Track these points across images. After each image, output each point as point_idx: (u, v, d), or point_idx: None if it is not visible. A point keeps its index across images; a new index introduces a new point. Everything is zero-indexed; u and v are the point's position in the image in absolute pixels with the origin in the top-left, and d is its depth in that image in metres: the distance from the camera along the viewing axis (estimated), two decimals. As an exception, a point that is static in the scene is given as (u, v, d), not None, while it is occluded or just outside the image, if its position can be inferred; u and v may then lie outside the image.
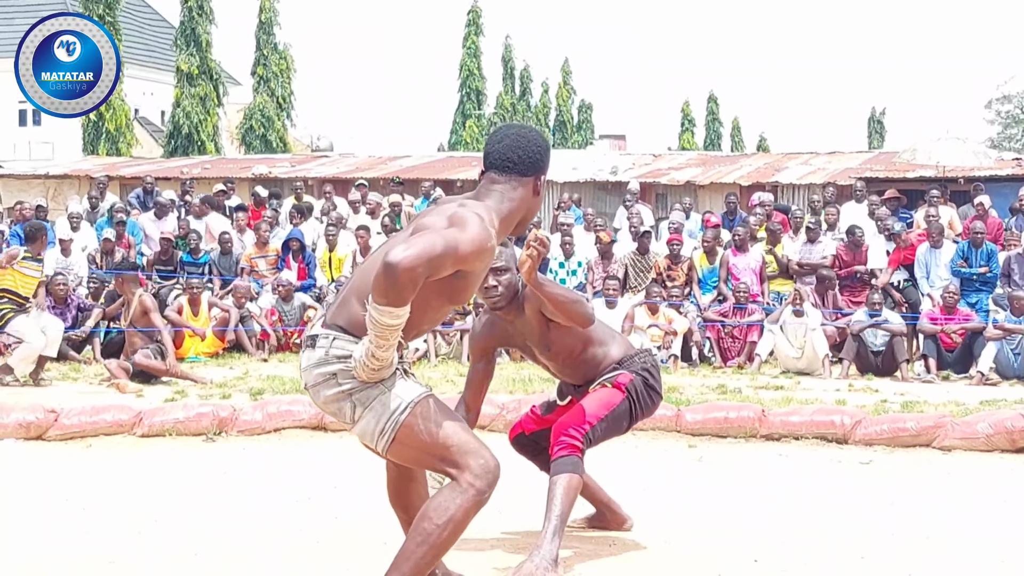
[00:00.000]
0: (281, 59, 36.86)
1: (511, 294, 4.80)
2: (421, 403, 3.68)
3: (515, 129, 4.00)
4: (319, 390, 3.75)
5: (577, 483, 4.74)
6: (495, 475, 3.67)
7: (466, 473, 3.63)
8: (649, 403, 5.02)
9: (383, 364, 3.59)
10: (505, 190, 3.88)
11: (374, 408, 3.67)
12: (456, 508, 3.61)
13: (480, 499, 3.64)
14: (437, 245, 3.48)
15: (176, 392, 10.02)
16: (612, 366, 4.98)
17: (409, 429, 3.66)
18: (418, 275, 3.43)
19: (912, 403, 9.33)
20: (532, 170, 3.91)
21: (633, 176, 21.36)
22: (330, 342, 3.72)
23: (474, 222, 3.61)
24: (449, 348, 12.89)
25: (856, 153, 24.55)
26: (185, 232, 15.11)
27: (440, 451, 3.66)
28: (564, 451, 4.78)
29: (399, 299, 3.44)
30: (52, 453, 7.47)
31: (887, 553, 4.97)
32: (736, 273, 13.16)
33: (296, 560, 4.86)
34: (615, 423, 4.93)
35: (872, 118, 51.69)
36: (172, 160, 29.02)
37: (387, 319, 3.47)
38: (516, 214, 3.91)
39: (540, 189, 3.95)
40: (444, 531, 3.60)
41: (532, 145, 3.93)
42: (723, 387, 10.38)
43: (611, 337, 5.12)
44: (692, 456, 7.37)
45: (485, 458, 3.66)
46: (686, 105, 52.18)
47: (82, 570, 4.71)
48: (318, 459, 7.23)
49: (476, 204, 3.78)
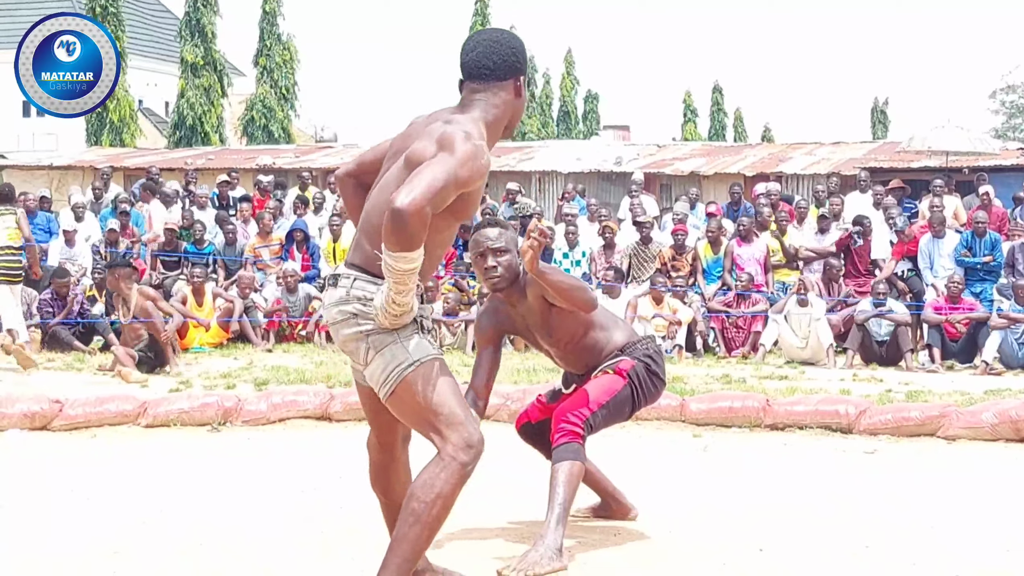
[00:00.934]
0: (285, 49, 36.80)
1: (512, 276, 4.78)
2: (427, 364, 3.69)
3: (486, 34, 3.96)
4: (339, 328, 3.78)
5: (579, 470, 4.72)
6: (478, 449, 3.67)
7: (448, 445, 3.64)
8: (652, 389, 5.00)
9: (404, 309, 3.61)
10: (487, 98, 3.86)
11: (384, 355, 3.69)
12: (442, 483, 3.61)
13: (463, 472, 3.63)
14: (438, 179, 3.48)
15: (181, 383, 10.03)
16: (614, 353, 4.96)
17: (408, 386, 3.67)
18: (426, 215, 3.45)
19: (916, 393, 9.33)
20: (510, 72, 3.89)
21: (637, 167, 21.35)
22: (351, 282, 3.76)
23: (462, 142, 3.60)
24: (454, 339, 12.90)
25: (860, 143, 24.52)
26: (189, 223, 15.11)
27: (429, 415, 3.68)
28: (565, 438, 4.76)
29: (411, 243, 3.46)
30: (57, 443, 7.48)
31: (891, 543, 4.97)
32: (741, 263, 13.16)
33: (301, 550, 4.87)
34: (617, 409, 4.92)
35: (875, 108, 51.58)
36: (176, 151, 29.02)
37: (403, 264, 3.48)
38: (502, 119, 3.90)
39: (522, 90, 3.93)
40: (433, 507, 3.60)
41: (504, 48, 3.89)
42: (728, 377, 10.38)
43: (614, 323, 5.10)
44: (697, 446, 7.37)
45: (469, 431, 3.67)
46: (688, 95, 52.06)
47: (87, 560, 4.72)
48: (323, 449, 7.24)
49: (462, 118, 3.77)
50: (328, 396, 8.24)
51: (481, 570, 4.47)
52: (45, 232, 15.46)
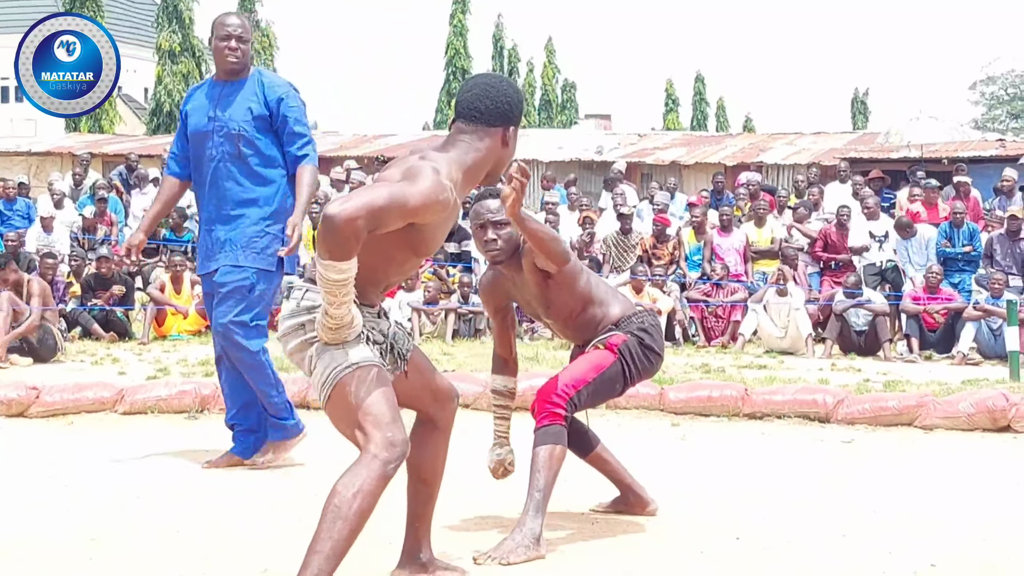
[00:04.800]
0: (263, 36, 36.69)
1: (511, 248, 4.76)
2: (363, 369, 3.69)
3: (485, 78, 3.96)
4: (287, 340, 3.80)
5: (560, 453, 4.67)
6: (401, 450, 3.66)
7: (371, 444, 3.64)
8: (647, 364, 4.91)
9: (340, 323, 3.60)
10: (471, 140, 3.85)
11: (323, 359, 3.70)
12: (362, 480, 3.60)
13: (385, 471, 3.62)
14: (380, 198, 3.47)
15: (159, 370, 9.99)
16: (609, 327, 4.91)
17: (342, 388, 3.68)
18: (359, 227, 3.42)
19: (894, 382, 9.36)
20: (499, 121, 3.87)
21: (618, 156, 21.36)
22: (302, 293, 3.77)
23: (427, 175, 3.59)
24: (434, 327, 12.88)
25: (841, 134, 24.60)
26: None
27: (358, 418, 3.67)
28: (546, 420, 4.69)
29: (341, 253, 3.44)
30: (34, 430, 7.45)
31: (868, 531, 4.99)
32: (720, 253, 13.20)
33: (278, 537, 4.85)
34: (605, 386, 4.84)
35: (856, 99, 51.72)
36: (155, 137, 28.90)
37: (332, 274, 3.47)
38: (482, 165, 3.88)
39: (509, 141, 3.91)
40: (354, 503, 3.58)
41: (500, 95, 3.87)
42: (707, 366, 10.40)
43: (612, 297, 5.03)
44: (675, 435, 7.38)
45: (393, 432, 3.66)
46: (669, 84, 52.09)
47: (63, 547, 4.69)
48: (301, 437, 7.20)
49: (437, 156, 3.76)
50: (306, 384, 8.20)
51: (459, 560, 4.46)
52: (24, 219, 15.38)
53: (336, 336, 3.64)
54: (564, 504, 5.44)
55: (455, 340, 12.49)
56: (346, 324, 3.61)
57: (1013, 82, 50.10)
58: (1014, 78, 49.96)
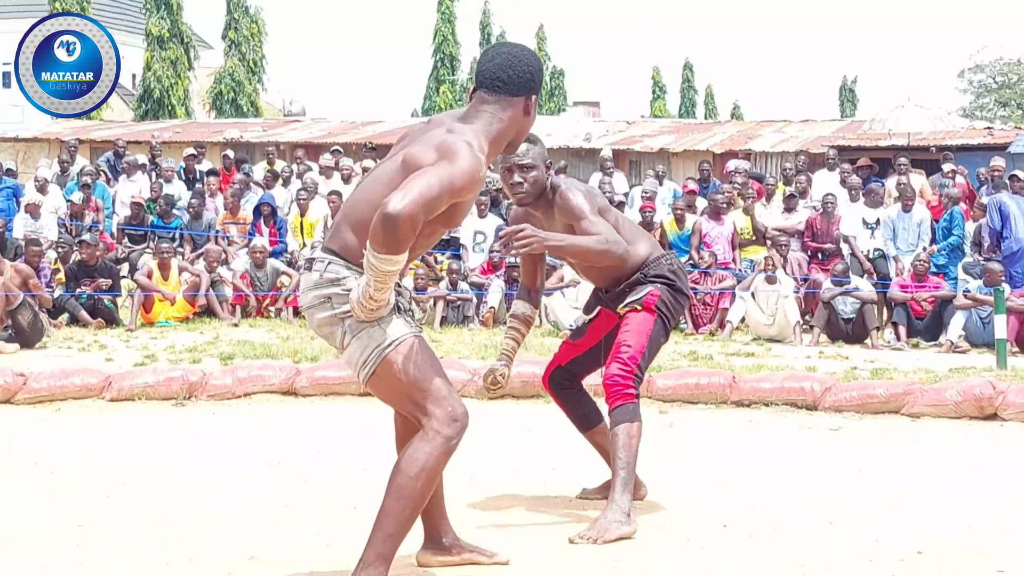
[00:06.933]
0: (253, 23, 36.53)
1: (538, 191, 4.87)
2: (406, 342, 3.69)
3: (507, 48, 3.95)
4: (313, 312, 3.77)
5: (637, 430, 4.83)
6: (463, 423, 3.68)
7: (432, 420, 3.65)
8: (679, 308, 5.07)
9: (380, 304, 3.61)
10: (495, 111, 3.84)
11: (361, 338, 3.69)
12: (426, 457, 3.62)
13: (448, 446, 3.65)
14: (433, 187, 3.48)
15: (146, 357, 9.97)
16: (637, 272, 4.96)
17: (389, 365, 3.67)
18: (418, 222, 3.46)
19: (882, 370, 9.38)
20: (522, 90, 3.87)
21: (607, 143, 21.33)
22: (325, 266, 3.74)
23: (465, 152, 3.59)
24: (423, 314, 12.87)
25: (829, 121, 24.59)
26: (156, 196, 15.01)
27: (413, 393, 3.68)
28: (619, 400, 4.84)
29: (398, 248, 3.46)
30: (21, 417, 7.44)
31: (855, 519, 5.00)
32: (709, 241, 13.18)
33: (265, 524, 4.85)
34: (655, 345, 5.00)
35: (844, 87, 51.71)
36: (143, 124, 28.80)
37: (386, 266, 3.48)
38: (506, 135, 3.89)
39: (531, 109, 3.91)
40: (418, 481, 3.61)
41: (523, 64, 3.87)
42: (694, 354, 10.40)
43: (638, 236, 5.11)
44: (663, 422, 7.38)
45: (453, 406, 3.67)
46: (656, 72, 52.02)
47: (50, 533, 4.69)
48: (288, 424, 7.21)
49: (464, 128, 3.75)
50: (294, 371, 8.21)
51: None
52: (8, 200, 15.35)
53: (373, 315, 3.65)
54: (552, 489, 5.46)
55: (443, 327, 12.47)
56: (384, 305, 3.63)
57: (1001, 70, 50.07)
58: (1002, 66, 49.94)
